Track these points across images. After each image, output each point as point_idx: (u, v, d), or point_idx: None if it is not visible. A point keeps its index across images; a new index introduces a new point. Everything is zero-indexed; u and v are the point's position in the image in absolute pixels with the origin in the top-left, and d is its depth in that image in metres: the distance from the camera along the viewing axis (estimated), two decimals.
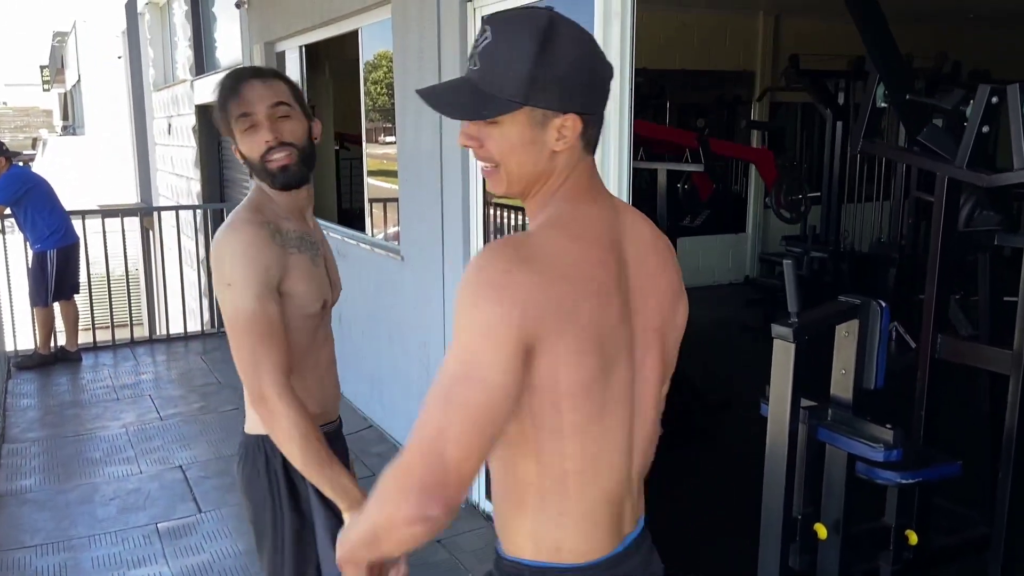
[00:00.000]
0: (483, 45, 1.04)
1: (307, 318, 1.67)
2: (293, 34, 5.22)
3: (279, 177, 1.63)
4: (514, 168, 1.09)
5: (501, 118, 1.05)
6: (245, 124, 1.60)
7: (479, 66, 1.05)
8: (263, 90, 1.60)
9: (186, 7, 9.32)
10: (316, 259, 1.69)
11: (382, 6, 3.93)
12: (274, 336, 1.55)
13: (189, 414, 4.80)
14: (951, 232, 2.57)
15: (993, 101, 2.41)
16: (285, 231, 1.63)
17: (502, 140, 1.07)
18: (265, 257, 1.56)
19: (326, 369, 1.77)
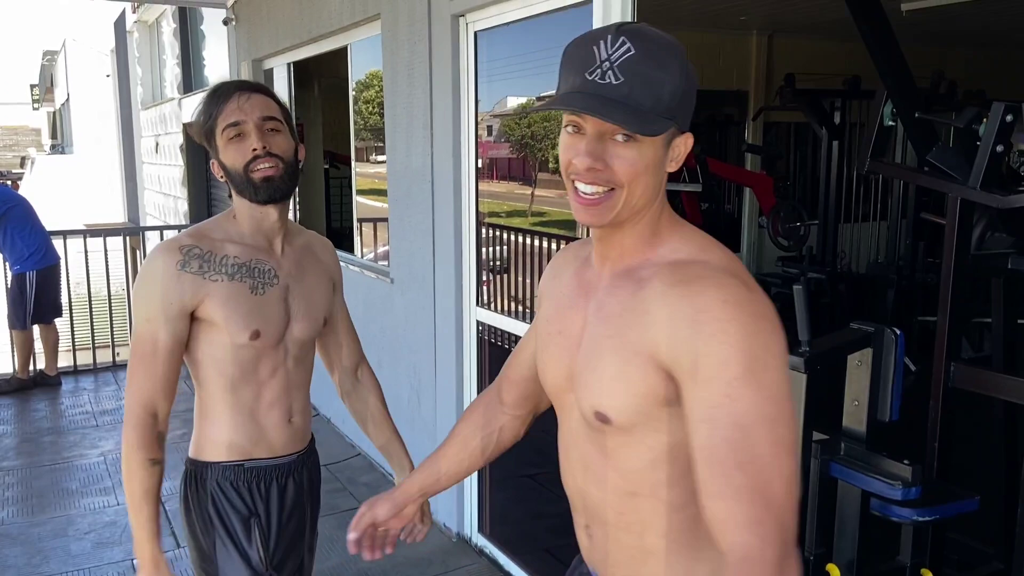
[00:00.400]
0: (625, 58, 0.98)
1: (237, 348, 1.60)
2: (281, 51, 5.12)
3: (262, 188, 1.57)
4: (639, 192, 1.03)
5: (642, 137, 1.00)
6: (233, 132, 1.55)
7: (622, 79, 0.97)
8: (256, 102, 1.58)
9: (174, 25, 9.25)
10: (261, 288, 1.62)
11: (371, 22, 3.84)
12: (150, 362, 1.56)
13: (170, 441, 4.54)
14: (964, 256, 2.46)
15: (1008, 119, 2.32)
16: (219, 257, 1.59)
17: (637, 161, 1.01)
18: (163, 284, 1.56)
19: (270, 404, 1.68)
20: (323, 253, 1.82)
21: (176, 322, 1.56)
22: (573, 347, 1.14)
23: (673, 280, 1.03)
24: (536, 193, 3.38)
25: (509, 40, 3.02)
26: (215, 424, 1.67)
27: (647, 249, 1.10)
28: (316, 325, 1.73)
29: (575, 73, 1.00)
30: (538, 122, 3.16)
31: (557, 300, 1.22)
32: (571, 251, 1.29)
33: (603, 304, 1.10)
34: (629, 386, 1.04)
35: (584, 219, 1.05)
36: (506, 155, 3.44)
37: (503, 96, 3.24)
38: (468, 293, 3.28)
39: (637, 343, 1.03)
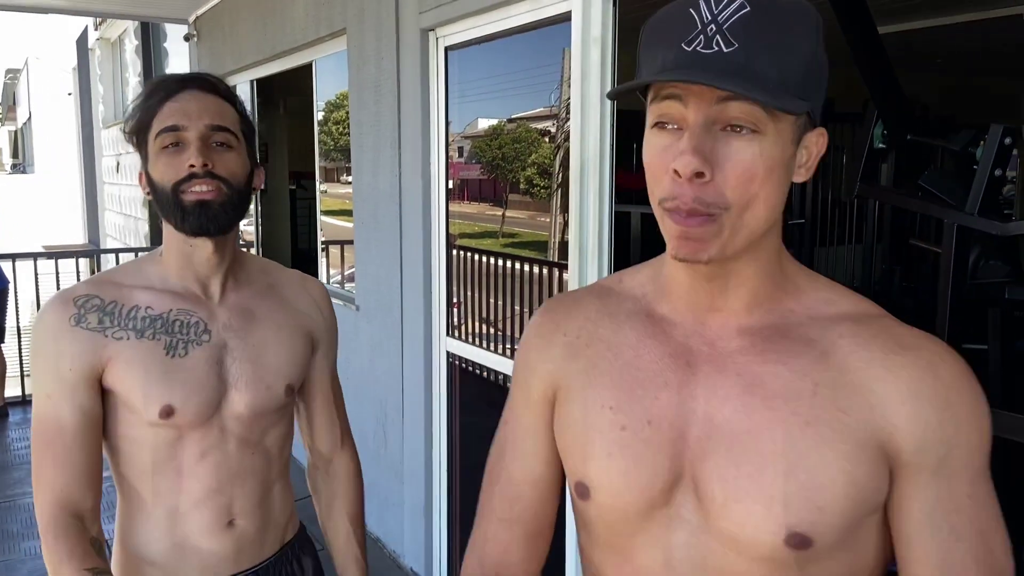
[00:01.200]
0: (737, 17, 0.70)
1: (147, 427, 1.21)
2: (244, 68, 4.94)
3: (192, 215, 1.18)
4: (761, 209, 0.74)
5: (766, 128, 0.72)
6: (168, 140, 1.17)
7: (736, 45, 0.70)
8: (206, 104, 1.20)
9: (136, 42, 9.04)
10: (182, 347, 1.23)
11: (337, 38, 3.68)
12: (59, 449, 1.18)
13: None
14: (961, 284, 2.34)
15: (1007, 142, 2.21)
16: (126, 308, 1.23)
17: (758, 162, 0.72)
18: (55, 346, 1.19)
19: (197, 501, 1.25)
20: (299, 299, 1.39)
21: (80, 393, 1.19)
22: (680, 442, 0.81)
23: (889, 345, 0.78)
24: (507, 214, 3.27)
25: (482, 57, 2.88)
26: (127, 530, 1.28)
27: (783, 295, 0.83)
28: (271, 395, 1.29)
29: (666, 46, 0.73)
30: (508, 144, 3.04)
31: (610, 376, 0.86)
32: (585, 303, 0.93)
33: (750, 376, 0.79)
34: (850, 491, 0.75)
35: (683, 252, 0.75)
36: (477, 176, 3.31)
37: (474, 118, 3.10)
38: (438, 322, 3.11)
39: (857, 430, 0.76)
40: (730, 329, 0.82)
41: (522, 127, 2.78)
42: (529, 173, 2.77)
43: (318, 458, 1.49)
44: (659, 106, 0.74)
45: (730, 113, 0.71)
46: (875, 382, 0.77)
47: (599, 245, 2.16)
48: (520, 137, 2.81)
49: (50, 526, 1.18)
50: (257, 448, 1.30)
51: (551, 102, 2.42)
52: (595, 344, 0.88)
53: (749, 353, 0.80)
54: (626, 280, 0.93)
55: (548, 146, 2.35)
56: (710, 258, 0.75)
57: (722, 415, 0.80)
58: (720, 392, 0.80)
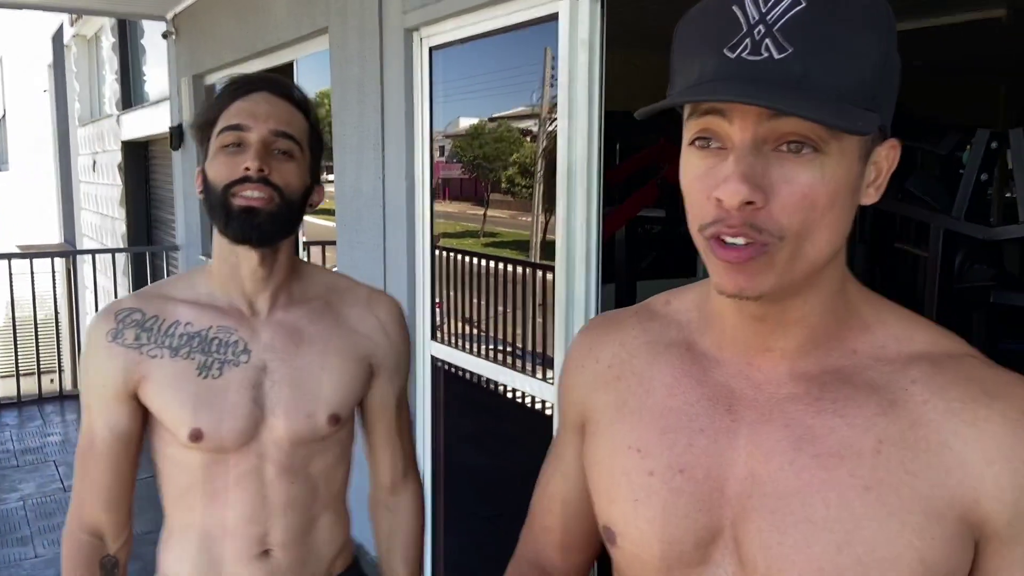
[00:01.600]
0: (792, 15, 0.59)
1: (182, 448, 1.16)
2: (224, 66, 4.87)
3: (237, 220, 1.11)
4: (823, 239, 0.64)
5: (828, 145, 0.61)
6: (230, 139, 1.12)
7: (790, 50, 0.59)
8: (276, 109, 1.14)
9: (113, 39, 8.90)
10: (217, 368, 1.17)
11: (319, 36, 3.63)
12: (88, 463, 1.19)
13: None
14: (947, 289, 2.34)
15: (992, 147, 2.21)
16: (166, 324, 1.18)
17: (819, 187, 0.61)
18: (95, 361, 1.18)
19: (229, 530, 1.19)
20: (361, 320, 1.27)
21: (112, 410, 1.17)
22: (718, 495, 0.72)
23: (972, 392, 0.66)
24: (488, 214, 3.24)
25: (463, 56, 2.85)
26: (166, 546, 1.25)
27: (846, 333, 0.71)
28: (311, 425, 1.20)
29: (706, 52, 0.62)
30: (490, 143, 3.01)
31: (639, 416, 0.77)
32: (625, 326, 0.84)
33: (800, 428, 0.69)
34: (916, 570, 0.64)
35: (730, 288, 0.65)
36: (458, 175, 3.29)
37: (455, 116, 3.08)
38: (422, 326, 3.07)
39: (930, 497, 0.65)
40: (781, 372, 0.71)
41: (503, 126, 2.75)
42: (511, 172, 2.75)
43: (379, 489, 1.40)
44: (698, 122, 0.64)
45: (784, 129, 0.60)
46: (953, 438, 0.65)
47: (587, 249, 2.13)
48: (501, 136, 2.78)
49: (67, 541, 1.20)
50: (298, 477, 1.21)
51: (533, 101, 2.40)
52: (626, 377, 0.80)
53: (801, 401, 0.70)
54: (674, 302, 0.83)
55: (530, 146, 2.33)
56: (762, 294, 0.65)
57: (766, 471, 0.69)
58: (765, 444, 0.70)
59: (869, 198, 0.67)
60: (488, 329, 2.99)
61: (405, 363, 1.34)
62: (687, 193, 0.67)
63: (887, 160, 0.67)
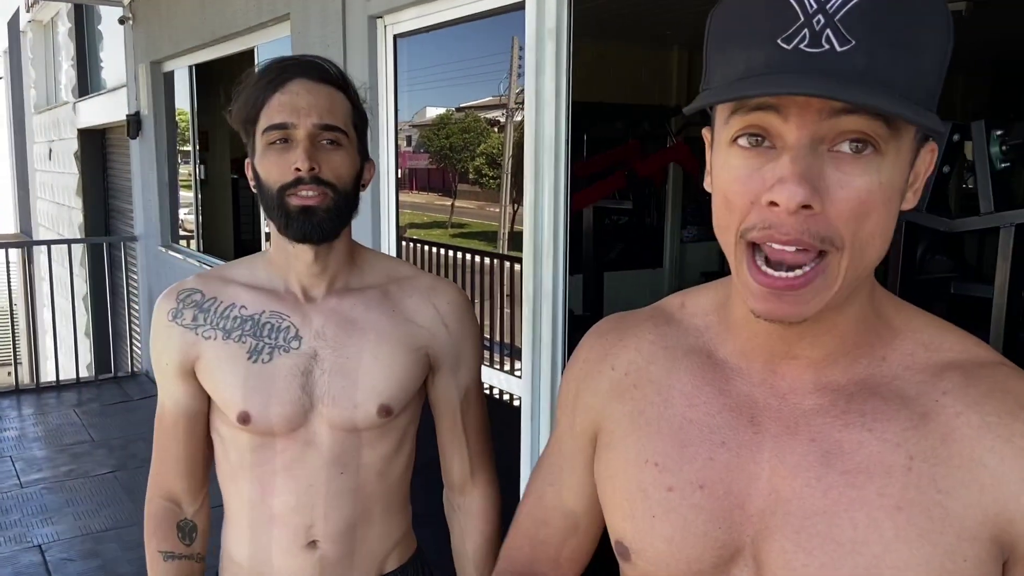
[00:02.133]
0: (851, 5, 0.55)
1: (232, 429, 1.18)
2: (182, 52, 4.77)
3: (297, 221, 1.11)
4: (876, 250, 0.60)
5: (887, 146, 0.57)
6: (275, 136, 1.11)
7: (853, 42, 0.55)
8: (318, 98, 1.12)
9: (70, 25, 8.69)
10: (267, 352, 1.16)
11: (280, 23, 3.57)
12: (161, 435, 1.26)
13: (55, 480, 4.21)
14: (909, 280, 2.37)
15: (955, 139, 2.23)
16: (223, 306, 1.19)
17: (876, 191, 0.57)
18: (156, 339, 1.23)
19: (277, 517, 1.19)
20: (419, 310, 1.23)
21: (175, 386, 1.21)
22: (739, 512, 0.68)
23: (1008, 405, 0.63)
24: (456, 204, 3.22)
25: (430, 45, 2.81)
26: (226, 526, 1.27)
27: (875, 340, 0.67)
28: (360, 415, 1.17)
29: (756, 43, 0.57)
30: (456, 133, 2.99)
31: (658, 428, 0.73)
32: (641, 331, 0.79)
33: (828, 443, 0.65)
34: None
35: (774, 311, 0.60)
36: (425, 165, 3.25)
37: (422, 106, 3.04)
38: None
39: (963, 517, 0.62)
40: (806, 382, 0.67)
41: (470, 116, 2.72)
42: (478, 163, 2.73)
43: (449, 490, 1.36)
44: (745, 118, 0.59)
45: (844, 127, 0.56)
46: (988, 454, 0.62)
47: (555, 241, 2.12)
48: (468, 127, 2.76)
49: (148, 505, 1.28)
50: (348, 468, 1.19)
51: (500, 91, 2.37)
52: (643, 386, 0.75)
53: (828, 414, 0.66)
54: (689, 305, 0.79)
55: (497, 136, 2.30)
56: (806, 318, 0.60)
57: (791, 488, 0.66)
58: (790, 459, 0.66)
59: (909, 203, 0.63)
60: None
61: (470, 357, 1.29)
62: (724, 194, 0.62)
63: (925, 163, 0.63)
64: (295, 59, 1.16)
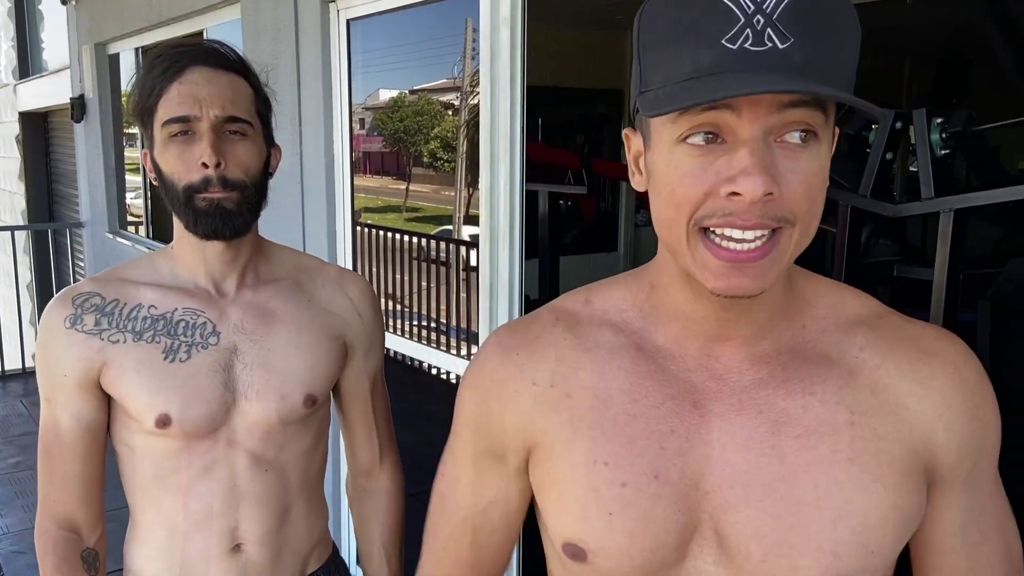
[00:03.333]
0: (784, 5, 0.59)
1: (145, 436, 1.12)
2: (128, 34, 4.65)
3: (205, 218, 1.08)
4: (815, 226, 0.65)
5: (824, 133, 0.63)
6: (176, 129, 1.06)
7: (792, 40, 0.59)
8: (218, 87, 1.07)
9: (9, 4, 8.40)
10: (184, 351, 1.12)
11: (230, 5, 3.50)
12: (56, 457, 1.14)
13: (2, 472, 4.12)
14: (855, 264, 2.44)
15: (897, 127, 2.30)
16: (128, 308, 1.13)
17: (819, 174, 0.63)
18: (53, 350, 1.13)
19: (199, 523, 1.15)
20: (333, 299, 1.23)
21: (76, 400, 1.12)
22: (694, 492, 0.71)
23: (912, 352, 0.72)
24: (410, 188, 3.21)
25: (386, 29, 2.80)
26: (131, 542, 1.21)
27: (794, 311, 0.73)
28: (286, 406, 1.16)
29: (699, 43, 0.60)
30: (410, 116, 2.98)
31: (601, 429, 0.74)
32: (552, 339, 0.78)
33: (775, 412, 0.70)
34: (900, 524, 0.69)
35: (734, 286, 0.63)
36: (379, 149, 3.24)
37: (375, 88, 3.02)
38: None
39: (902, 457, 0.69)
40: (742, 359, 0.71)
41: (424, 99, 2.72)
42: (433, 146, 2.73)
43: (356, 473, 1.36)
44: (699, 117, 0.61)
45: (790, 119, 0.61)
46: (908, 397, 0.70)
47: (511, 227, 2.14)
48: (423, 110, 2.75)
49: (43, 539, 1.15)
50: (272, 466, 1.17)
51: (454, 74, 2.37)
52: (577, 393, 0.75)
53: (768, 386, 0.70)
54: (596, 301, 0.79)
55: (452, 119, 2.30)
56: (764, 289, 0.64)
57: (746, 461, 0.69)
58: (740, 435, 0.70)
59: None
60: (412, 306, 2.97)
61: (378, 343, 1.31)
62: (673, 191, 0.64)
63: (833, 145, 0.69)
64: (193, 46, 1.12)
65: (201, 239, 1.12)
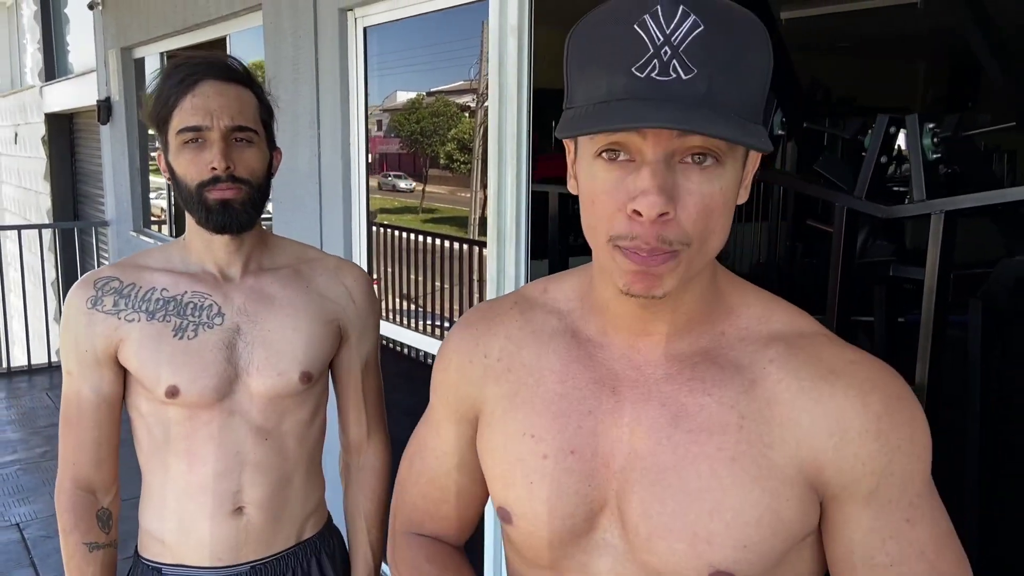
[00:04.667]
0: (693, 37, 0.64)
1: (157, 405, 1.25)
2: (153, 39, 4.79)
3: (216, 214, 1.21)
4: (717, 241, 0.70)
5: (726, 157, 0.68)
6: (188, 137, 1.19)
7: (695, 71, 0.64)
8: (229, 100, 1.20)
9: (35, 7, 8.60)
10: (192, 329, 1.25)
11: (252, 12, 3.63)
12: (75, 425, 1.28)
13: (30, 461, 4.27)
14: (850, 263, 2.52)
15: (891, 131, 2.38)
16: (143, 291, 1.26)
17: (717, 196, 0.68)
18: (75, 328, 1.26)
19: (202, 485, 1.26)
20: (329, 286, 1.36)
21: (95, 373, 1.26)
22: (605, 470, 0.78)
23: (820, 371, 0.75)
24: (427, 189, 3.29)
25: (400, 35, 2.90)
26: (144, 503, 1.33)
27: (716, 317, 0.79)
28: (283, 381, 1.28)
29: (612, 70, 0.66)
30: (427, 118, 3.07)
31: (532, 404, 0.82)
32: (507, 319, 0.88)
33: (675, 406, 0.76)
34: (776, 528, 0.74)
35: (641, 286, 0.70)
36: (396, 150, 3.33)
37: (393, 90, 3.11)
38: None
39: (783, 467, 0.73)
40: (658, 354, 0.78)
41: (441, 101, 2.80)
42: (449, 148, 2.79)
43: (346, 449, 1.47)
44: (610, 137, 0.67)
45: (691, 144, 0.66)
46: (802, 414, 0.74)
47: (516, 228, 2.24)
48: (439, 111, 2.83)
49: (60, 499, 1.29)
50: (271, 435, 1.29)
51: (471, 76, 2.46)
52: (516, 369, 0.84)
53: (675, 381, 0.77)
54: (551, 290, 0.88)
55: (468, 121, 2.39)
56: (665, 293, 0.70)
57: (646, 447, 0.76)
58: (645, 422, 0.77)
59: (741, 199, 0.73)
60: (427, 305, 3.07)
61: (371, 329, 1.42)
62: (593, 203, 0.70)
63: (753, 163, 0.74)
64: (204, 60, 1.24)
65: (211, 233, 1.25)
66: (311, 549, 1.38)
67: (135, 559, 1.35)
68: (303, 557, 1.37)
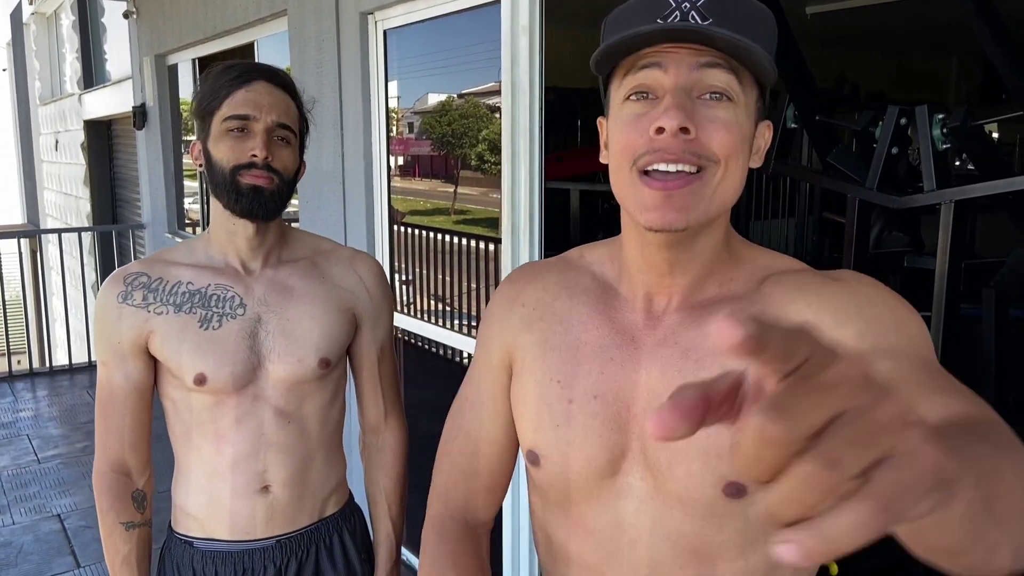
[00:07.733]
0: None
1: (186, 392, 1.33)
2: (185, 46, 4.93)
3: (247, 198, 1.28)
4: (737, 174, 0.77)
5: (739, 96, 0.76)
6: (235, 125, 1.27)
7: (711, 19, 0.74)
8: (276, 100, 1.30)
9: (73, 17, 8.85)
10: (217, 320, 1.32)
11: (278, 18, 3.73)
12: (110, 412, 1.36)
13: (71, 455, 4.43)
14: (863, 254, 2.54)
15: (902, 123, 2.40)
16: (170, 285, 1.34)
17: (734, 127, 0.76)
18: (107, 320, 1.34)
19: (232, 464, 1.35)
20: (344, 277, 1.43)
21: (128, 363, 1.33)
22: (626, 414, 0.84)
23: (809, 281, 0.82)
24: (458, 191, 3.33)
25: (421, 38, 2.97)
26: (177, 483, 1.42)
27: (727, 269, 0.86)
28: (303, 368, 1.36)
29: (641, 21, 0.76)
30: (457, 120, 3.12)
31: (560, 351, 0.89)
32: (546, 275, 0.96)
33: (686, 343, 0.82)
34: None
35: (663, 218, 0.76)
36: (428, 152, 3.39)
37: (424, 93, 3.18)
38: None
39: None
40: (674, 304, 0.85)
41: (470, 103, 2.84)
42: (480, 149, 2.82)
43: (365, 432, 1.55)
44: (635, 77, 0.77)
45: (708, 81, 0.75)
46: (797, 316, 0.79)
47: (530, 224, 2.30)
48: (468, 113, 2.87)
49: (98, 481, 1.37)
50: (293, 418, 1.37)
51: (499, 77, 2.51)
52: (548, 318, 0.91)
53: (686, 324, 0.84)
54: (587, 255, 0.96)
55: (499, 122, 2.44)
56: (688, 225, 0.76)
57: (661, 384, 0.82)
58: (660, 363, 0.83)
59: (755, 162, 0.82)
60: (456, 304, 3.14)
61: (385, 316, 1.49)
62: (621, 138, 0.78)
63: (763, 137, 0.82)
64: (260, 65, 1.34)
65: (239, 217, 1.32)
66: (333, 525, 1.46)
67: (169, 533, 1.44)
68: (325, 532, 1.45)
